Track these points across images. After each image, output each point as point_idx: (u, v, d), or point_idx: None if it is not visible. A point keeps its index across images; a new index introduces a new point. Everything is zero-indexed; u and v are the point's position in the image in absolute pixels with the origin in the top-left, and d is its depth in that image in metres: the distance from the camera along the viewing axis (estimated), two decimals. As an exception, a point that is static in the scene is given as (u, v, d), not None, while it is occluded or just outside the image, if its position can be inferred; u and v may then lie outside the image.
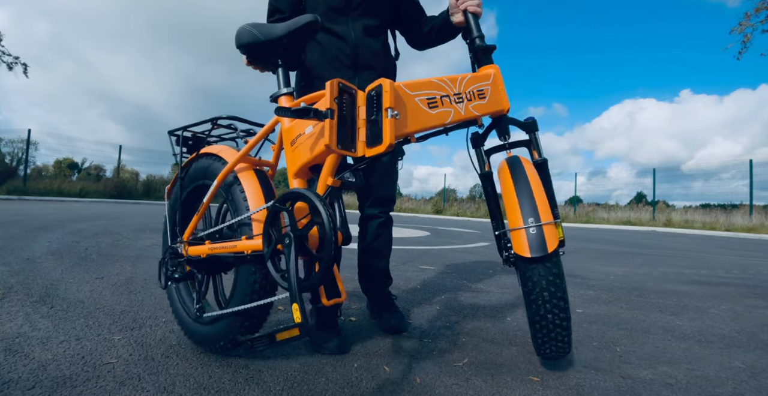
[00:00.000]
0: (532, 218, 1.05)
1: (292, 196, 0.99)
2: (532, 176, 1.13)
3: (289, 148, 1.11)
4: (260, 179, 1.17)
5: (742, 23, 10.45)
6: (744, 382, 1.17)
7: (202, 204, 1.24)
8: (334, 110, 0.92)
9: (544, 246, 1.02)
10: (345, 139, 0.94)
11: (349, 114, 0.97)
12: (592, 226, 12.56)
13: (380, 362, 1.20)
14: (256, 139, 1.20)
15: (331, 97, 0.93)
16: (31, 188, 12.31)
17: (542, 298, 1.04)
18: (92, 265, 2.42)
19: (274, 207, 1.01)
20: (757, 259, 4.67)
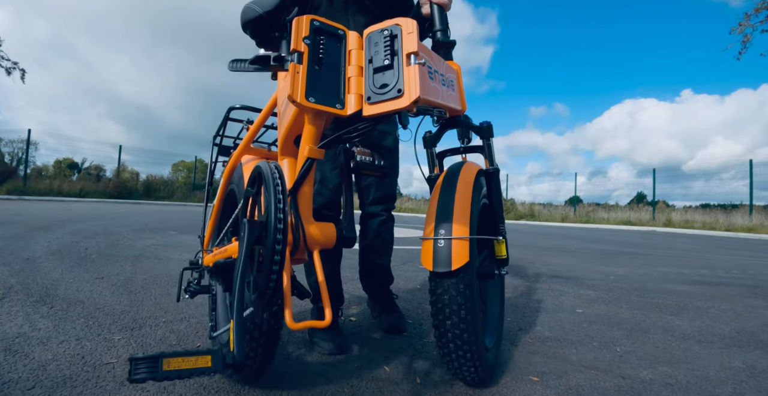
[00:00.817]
0: (444, 230, 0.95)
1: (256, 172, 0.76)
2: (464, 186, 1.03)
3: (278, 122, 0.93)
4: None
5: (742, 23, 10.44)
6: (744, 382, 1.17)
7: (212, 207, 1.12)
8: (302, 53, 0.71)
9: (448, 262, 0.92)
10: (324, 91, 0.71)
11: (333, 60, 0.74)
12: (592, 226, 12.56)
13: (380, 362, 1.20)
14: (255, 125, 1.05)
15: (297, 37, 0.71)
16: (31, 188, 12.32)
17: (441, 317, 0.94)
18: (92, 265, 2.42)
19: (247, 192, 0.79)
20: (757, 259, 4.67)
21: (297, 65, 0.70)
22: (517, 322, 1.69)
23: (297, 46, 0.71)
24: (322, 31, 0.74)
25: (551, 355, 1.33)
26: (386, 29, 0.74)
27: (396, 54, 0.72)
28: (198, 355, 0.64)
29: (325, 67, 0.73)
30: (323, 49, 0.73)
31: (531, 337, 1.50)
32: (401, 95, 0.68)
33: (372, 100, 0.71)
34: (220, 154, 1.30)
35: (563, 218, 14.54)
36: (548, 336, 1.53)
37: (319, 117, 0.77)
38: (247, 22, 1.06)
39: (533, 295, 2.26)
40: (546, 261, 3.76)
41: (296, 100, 0.68)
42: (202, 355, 0.64)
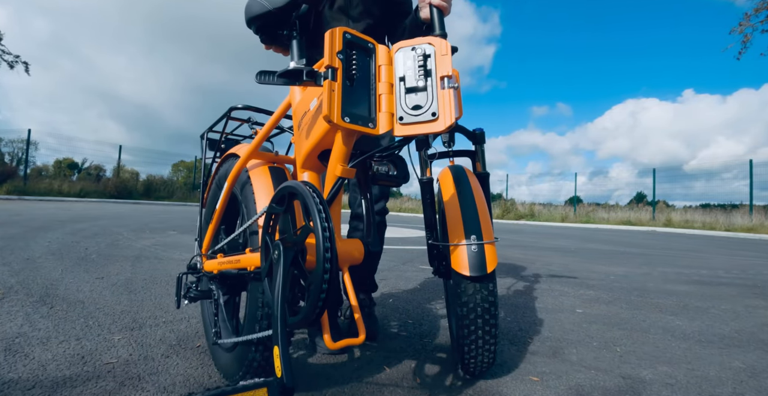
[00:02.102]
0: (475, 236, 1.00)
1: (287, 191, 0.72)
2: (477, 191, 1.08)
3: (297, 132, 0.90)
4: (274, 177, 0.97)
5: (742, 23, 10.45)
6: (744, 382, 1.17)
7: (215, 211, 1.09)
8: (336, 69, 0.68)
9: (483, 266, 0.97)
10: (358, 110, 0.70)
11: (364, 76, 0.72)
12: (592, 226, 12.56)
13: (380, 362, 1.20)
14: (266, 128, 1.01)
15: (331, 52, 0.68)
16: (31, 188, 12.32)
17: (473, 316, 0.98)
18: (92, 265, 2.42)
19: (270, 208, 0.76)
20: (757, 259, 4.67)
21: (332, 83, 0.67)
22: (517, 322, 1.69)
23: (332, 62, 0.68)
24: (354, 44, 0.71)
25: (551, 355, 1.33)
26: (418, 48, 0.72)
27: (429, 75, 0.71)
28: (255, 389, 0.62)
29: (357, 83, 0.71)
30: (355, 64, 0.71)
31: (531, 337, 1.50)
32: (436, 119, 0.68)
33: (404, 120, 0.70)
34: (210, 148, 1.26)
35: (563, 218, 14.54)
36: (548, 336, 1.53)
37: (351, 136, 0.76)
38: (253, 17, 1.02)
39: (533, 295, 2.26)
40: (546, 261, 3.76)
41: (333, 120, 0.66)
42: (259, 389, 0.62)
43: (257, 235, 0.89)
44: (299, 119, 0.89)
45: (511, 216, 15.23)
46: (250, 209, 0.95)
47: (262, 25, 1.04)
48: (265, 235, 0.76)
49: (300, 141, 0.87)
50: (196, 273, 1.14)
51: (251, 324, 0.88)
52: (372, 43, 0.75)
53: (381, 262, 3.16)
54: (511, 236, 6.86)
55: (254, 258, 0.84)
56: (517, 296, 2.20)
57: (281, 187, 0.74)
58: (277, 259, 0.68)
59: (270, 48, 1.21)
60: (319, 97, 0.77)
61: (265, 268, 0.75)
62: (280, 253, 0.67)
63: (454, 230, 1.03)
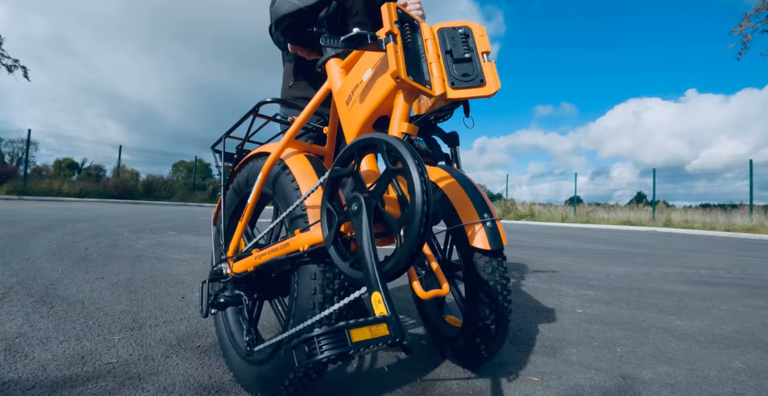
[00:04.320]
0: (487, 214, 1.06)
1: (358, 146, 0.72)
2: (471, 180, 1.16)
3: (345, 108, 0.93)
4: (313, 162, 0.96)
5: (742, 24, 10.46)
6: (744, 382, 1.17)
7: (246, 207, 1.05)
8: (396, 35, 0.77)
9: (499, 239, 1.04)
10: (414, 73, 0.77)
11: (415, 47, 0.81)
12: (592, 226, 12.56)
13: (380, 362, 1.20)
14: (304, 114, 1.00)
15: (390, 21, 0.77)
16: (31, 188, 12.32)
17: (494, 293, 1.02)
18: (92, 265, 2.42)
19: (334, 171, 0.75)
20: (757, 259, 4.67)
21: (395, 45, 0.75)
22: (517, 322, 1.69)
23: (392, 29, 0.77)
24: (404, 18, 0.80)
25: (551, 355, 1.33)
26: (460, 28, 0.84)
27: (471, 50, 0.82)
28: (375, 324, 0.58)
29: (409, 52, 0.79)
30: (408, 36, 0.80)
31: (531, 337, 1.50)
32: (484, 84, 0.79)
33: (456, 85, 0.79)
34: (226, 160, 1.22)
35: (563, 218, 14.54)
36: (548, 336, 1.53)
37: (411, 95, 0.81)
38: (285, 15, 1.04)
39: (533, 295, 2.26)
40: (546, 261, 3.76)
41: (401, 76, 0.73)
42: (379, 324, 0.58)
43: (302, 218, 0.87)
44: (347, 96, 0.93)
45: (511, 216, 15.23)
46: (288, 196, 0.93)
47: (291, 23, 1.06)
48: (326, 202, 0.75)
49: (353, 113, 0.90)
50: (224, 278, 1.06)
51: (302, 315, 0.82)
52: (416, 20, 0.84)
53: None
54: (511, 236, 6.86)
55: (307, 237, 0.82)
56: (517, 296, 2.20)
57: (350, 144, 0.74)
58: (357, 210, 0.67)
59: (295, 49, 1.21)
60: (374, 67, 0.83)
61: (330, 237, 0.73)
62: (360, 203, 0.67)
63: (465, 211, 1.07)
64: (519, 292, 2.33)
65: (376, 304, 0.62)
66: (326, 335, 0.55)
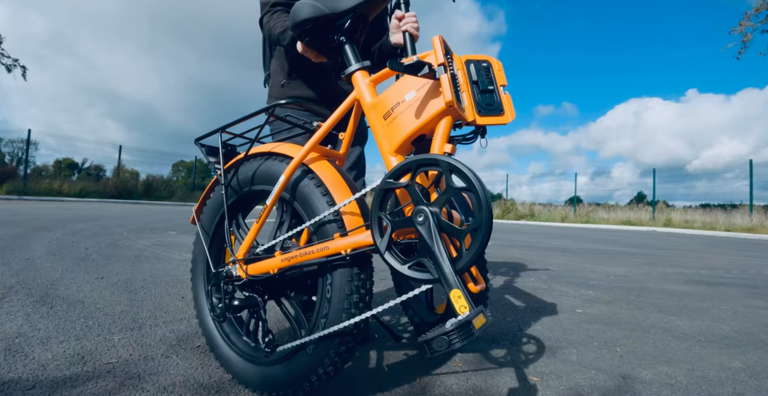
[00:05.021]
0: None
1: (417, 164, 0.82)
2: None
3: (383, 122, 0.98)
4: (338, 169, 1.01)
5: (742, 23, 10.46)
6: (744, 382, 1.17)
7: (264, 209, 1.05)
8: (446, 66, 0.86)
9: None
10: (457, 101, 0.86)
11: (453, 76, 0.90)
12: (592, 226, 12.56)
13: (380, 362, 1.20)
14: (331, 121, 1.03)
15: (442, 52, 0.86)
16: (31, 188, 12.32)
17: None
18: (92, 265, 2.42)
19: (387, 183, 0.84)
20: (757, 259, 4.67)
21: (446, 76, 0.85)
22: (517, 322, 1.69)
23: (444, 61, 0.87)
24: (447, 50, 0.90)
25: (551, 355, 1.33)
26: (483, 62, 0.96)
27: (493, 82, 0.95)
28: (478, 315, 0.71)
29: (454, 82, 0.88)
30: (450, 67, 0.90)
31: (531, 337, 1.50)
32: (503, 114, 0.93)
33: (482, 113, 0.93)
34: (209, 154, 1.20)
35: (563, 218, 14.54)
36: (548, 336, 1.53)
37: (453, 120, 0.92)
38: (308, 19, 1.04)
39: (533, 295, 2.26)
40: (546, 261, 3.76)
41: (454, 106, 0.84)
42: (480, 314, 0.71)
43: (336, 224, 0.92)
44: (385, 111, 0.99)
45: (511, 216, 15.23)
46: (314, 202, 0.95)
47: (313, 27, 1.07)
48: (377, 211, 0.84)
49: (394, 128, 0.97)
50: (238, 281, 1.04)
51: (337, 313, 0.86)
52: (451, 52, 0.94)
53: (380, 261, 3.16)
54: (511, 236, 6.86)
55: (351, 241, 0.87)
56: (517, 296, 2.20)
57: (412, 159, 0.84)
58: (423, 220, 0.79)
59: (306, 51, 1.22)
60: (418, 90, 0.92)
61: (384, 243, 0.83)
62: (427, 214, 0.78)
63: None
64: (519, 292, 2.33)
65: (455, 300, 0.73)
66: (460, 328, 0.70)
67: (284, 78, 1.47)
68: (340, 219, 0.92)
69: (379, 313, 0.88)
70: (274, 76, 1.53)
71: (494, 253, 4.16)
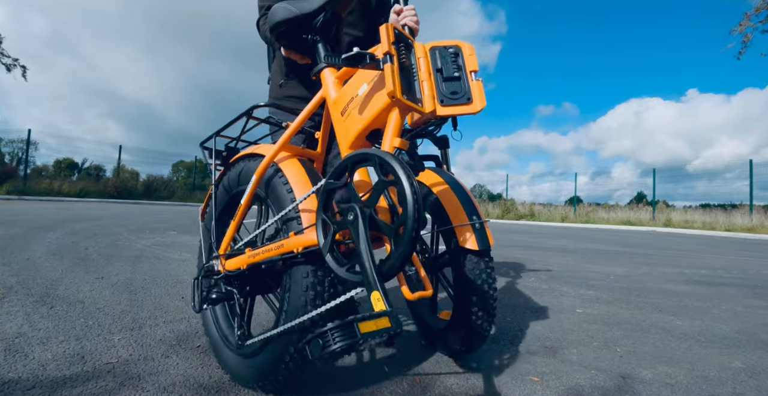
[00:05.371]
0: (476, 216, 1.14)
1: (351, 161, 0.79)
2: (461, 183, 1.22)
3: (341, 118, 0.97)
4: (306, 167, 1.01)
5: (742, 23, 10.45)
6: (744, 382, 1.17)
7: (239, 208, 1.09)
8: (393, 55, 0.80)
9: (487, 241, 1.12)
10: (406, 91, 0.81)
11: (408, 65, 0.84)
12: (592, 226, 12.56)
13: (380, 362, 1.20)
14: (298, 121, 1.04)
15: (388, 41, 0.80)
16: (31, 188, 12.31)
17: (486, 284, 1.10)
18: (92, 265, 2.42)
19: (328, 184, 0.82)
20: (757, 259, 4.67)
21: (392, 65, 0.79)
22: (517, 322, 1.69)
23: (389, 49, 0.80)
24: (399, 38, 0.84)
25: (551, 355, 1.33)
26: (451, 47, 0.87)
27: (461, 69, 0.86)
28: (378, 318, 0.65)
29: (403, 71, 0.82)
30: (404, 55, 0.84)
31: (531, 337, 1.50)
32: (471, 102, 0.83)
33: (445, 103, 0.84)
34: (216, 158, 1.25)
35: (563, 218, 14.54)
36: (548, 336, 1.53)
37: (404, 112, 0.86)
38: (281, 21, 1.06)
39: (533, 295, 2.26)
40: (546, 261, 3.76)
41: (396, 96, 0.78)
42: (381, 317, 0.65)
43: (296, 220, 0.93)
44: (342, 107, 0.97)
45: (511, 216, 15.23)
46: (282, 199, 0.97)
47: (286, 29, 1.08)
48: (321, 212, 0.82)
49: (349, 124, 0.95)
50: (216, 275, 1.10)
51: (294, 311, 0.87)
52: (411, 39, 0.88)
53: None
54: (511, 236, 6.86)
55: (301, 240, 0.87)
56: (517, 296, 2.20)
57: (345, 158, 0.80)
58: (354, 220, 0.74)
59: (289, 53, 1.23)
60: (369, 82, 0.87)
61: (326, 244, 0.80)
62: (356, 214, 0.74)
63: (456, 214, 1.14)
64: (519, 292, 2.33)
65: (375, 302, 0.67)
66: (338, 328, 0.62)
67: (282, 78, 1.51)
68: (299, 216, 0.92)
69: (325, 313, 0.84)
70: (274, 76, 1.57)
71: (494, 253, 4.15)
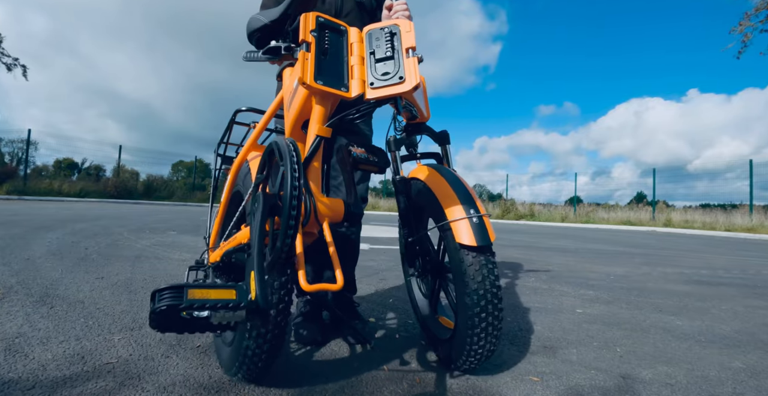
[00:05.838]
0: (473, 210, 1.02)
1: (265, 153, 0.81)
2: (458, 175, 1.13)
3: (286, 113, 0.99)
4: None
5: (741, 23, 10.45)
6: (744, 382, 1.17)
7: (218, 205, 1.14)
8: (309, 43, 0.80)
9: (487, 236, 1.00)
10: (330, 76, 0.80)
11: (337, 51, 0.84)
12: (592, 226, 12.55)
13: (380, 362, 1.20)
14: (261, 123, 1.08)
15: (305, 30, 0.81)
16: (31, 188, 12.31)
17: (483, 291, 0.98)
18: (92, 265, 2.42)
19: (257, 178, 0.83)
20: (757, 259, 4.67)
21: (306, 53, 0.79)
22: (517, 322, 1.69)
23: (305, 37, 0.80)
24: (326, 26, 0.84)
25: (551, 355, 1.33)
26: (386, 27, 0.85)
27: (396, 49, 0.83)
28: (223, 289, 0.66)
29: (330, 57, 0.82)
30: (328, 41, 0.83)
31: (531, 337, 1.50)
32: (403, 81, 0.79)
33: (375, 85, 0.81)
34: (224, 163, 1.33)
35: (563, 218, 14.54)
36: (548, 336, 1.53)
37: (326, 99, 0.85)
38: (253, 30, 1.14)
39: (533, 295, 2.26)
40: (546, 261, 3.76)
41: (306, 82, 0.76)
42: (227, 289, 0.66)
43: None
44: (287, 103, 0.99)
45: (511, 216, 15.22)
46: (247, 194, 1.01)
47: (261, 37, 1.14)
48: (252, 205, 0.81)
49: (288, 118, 0.96)
50: (203, 266, 1.19)
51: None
52: (344, 26, 0.87)
53: (380, 262, 3.15)
54: (511, 236, 6.86)
55: (246, 232, 0.87)
56: (517, 296, 2.20)
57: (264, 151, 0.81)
58: (257, 207, 0.73)
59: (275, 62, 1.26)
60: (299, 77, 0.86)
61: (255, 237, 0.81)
62: (259, 201, 0.73)
63: (451, 207, 1.03)
64: (519, 292, 2.33)
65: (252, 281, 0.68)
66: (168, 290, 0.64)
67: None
68: None
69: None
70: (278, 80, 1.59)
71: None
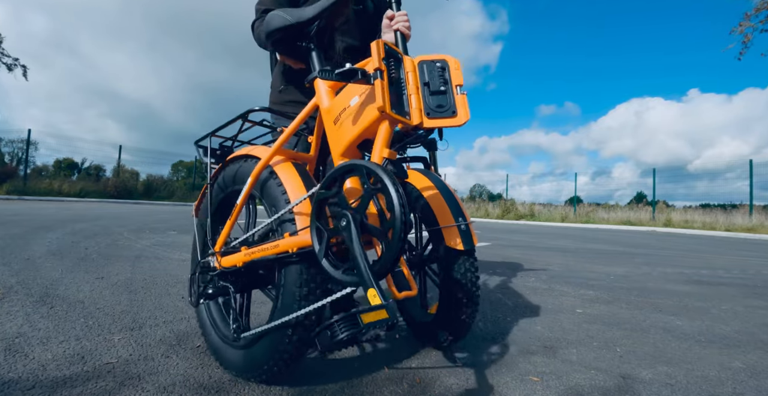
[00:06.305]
0: (461, 218, 1.22)
1: (341, 171, 0.85)
2: (447, 185, 1.30)
3: (333, 127, 1.01)
4: (299, 170, 1.05)
5: (742, 23, 10.44)
6: (744, 382, 1.17)
7: (234, 208, 1.13)
8: (383, 71, 0.85)
9: (471, 241, 1.21)
10: (395, 105, 0.86)
11: (397, 80, 0.89)
12: (592, 226, 12.55)
13: (380, 362, 1.20)
14: (292, 127, 1.08)
15: (378, 57, 0.85)
16: (31, 188, 12.31)
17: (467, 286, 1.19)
18: (92, 265, 2.42)
19: (320, 194, 0.87)
20: (757, 259, 4.67)
21: (382, 81, 0.84)
22: (517, 322, 1.69)
23: (379, 65, 0.85)
24: (390, 54, 0.89)
25: (551, 355, 1.33)
26: (438, 62, 0.92)
27: (447, 83, 0.90)
28: (378, 310, 0.72)
29: (393, 85, 0.87)
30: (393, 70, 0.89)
31: (531, 337, 1.50)
32: (455, 116, 0.88)
33: (431, 115, 0.88)
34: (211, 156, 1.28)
35: (563, 218, 14.54)
36: (548, 336, 1.53)
37: (393, 125, 0.91)
38: (275, 29, 1.11)
39: (533, 295, 2.26)
40: (546, 261, 3.76)
41: (386, 111, 0.82)
42: (380, 310, 0.72)
43: (290, 222, 0.98)
44: (335, 116, 1.01)
45: (511, 216, 15.23)
46: (276, 201, 1.02)
47: (282, 36, 1.13)
48: (314, 221, 0.87)
49: (341, 133, 0.99)
50: (212, 271, 1.15)
51: (289, 305, 0.93)
52: (400, 54, 0.92)
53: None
54: (511, 236, 6.86)
55: (296, 241, 0.93)
56: (517, 296, 2.20)
57: (335, 169, 0.86)
58: (347, 225, 0.81)
59: (284, 59, 1.26)
60: (361, 95, 0.92)
61: (321, 250, 0.85)
62: (349, 219, 0.81)
63: (443, 215, 1.22)
64: (519, 292, 2.33)
65: (372, 298, 0.74)
66: (344, 320, 0.71)
67: (282, 84, 1.52)
68: (293, 218, 0.97)
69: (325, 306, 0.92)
70: (274, 81, 1.59)
71: (494, 252, 4.16)
